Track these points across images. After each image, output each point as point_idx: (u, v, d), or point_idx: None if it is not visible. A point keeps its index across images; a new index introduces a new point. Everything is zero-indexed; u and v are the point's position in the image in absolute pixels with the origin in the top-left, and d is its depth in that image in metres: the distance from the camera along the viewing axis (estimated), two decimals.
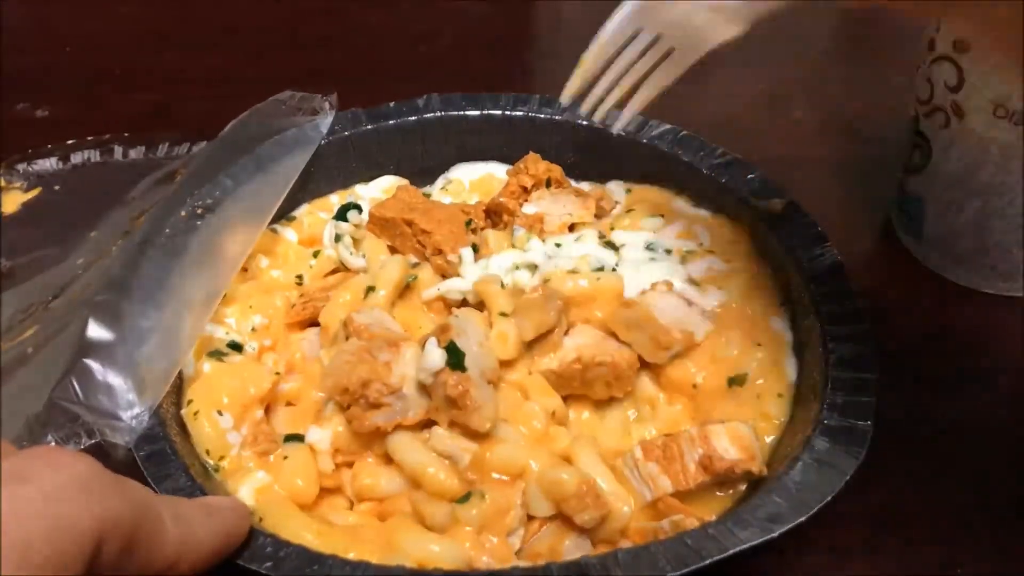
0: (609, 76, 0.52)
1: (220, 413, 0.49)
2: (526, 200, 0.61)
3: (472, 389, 0.47)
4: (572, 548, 0.46)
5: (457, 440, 0.48)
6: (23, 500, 0.30)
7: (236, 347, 0.53)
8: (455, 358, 0.47)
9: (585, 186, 0.64)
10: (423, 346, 0.48)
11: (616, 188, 0.64)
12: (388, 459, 0.49)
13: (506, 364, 0.51)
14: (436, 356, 0.47)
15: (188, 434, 0.49)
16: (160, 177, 0.68)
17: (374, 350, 0.48)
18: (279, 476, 0.48)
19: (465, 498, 0.46)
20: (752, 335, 0.53)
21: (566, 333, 0.52)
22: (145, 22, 0.93)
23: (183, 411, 0.49)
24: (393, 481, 0.48)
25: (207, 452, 0.48)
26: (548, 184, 0.61)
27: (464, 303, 0.55)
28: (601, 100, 0.54)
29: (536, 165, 0.62)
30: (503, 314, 0.52)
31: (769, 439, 0.50)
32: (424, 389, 0.49)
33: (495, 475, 0.47)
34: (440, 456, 0.48)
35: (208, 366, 0.51)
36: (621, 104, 0.54)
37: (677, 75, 0.51)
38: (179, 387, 0.51)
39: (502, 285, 0.54)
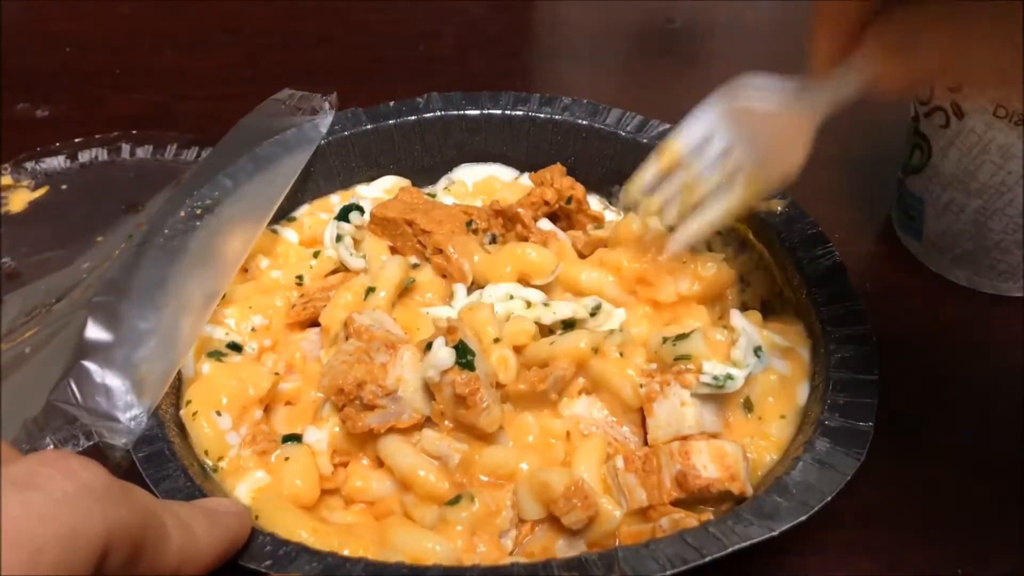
0: (674, 183, 0.52)
1: (219, 414, 0.49)
2: (547, 212, 0.61)
3: (482, 388, 0.47)
4: (564, 547, 0.46)
5: (447, 441, 0.48)
6: (34, 506, 0.30)
7: (236, 347, 0.53)
8: (465, 357, 0.47)
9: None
10: (424, 348, 0.48)
11: None
12: (381, 462, 0.49)
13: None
14: (445, 355, 0.47)
15: (187, 434, 0.49)
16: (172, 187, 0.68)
17: (371, 351, 0.48)
18: (280, 477, 0.48)
19: (455, 500, 0.46)
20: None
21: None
22: (145, 22, 0.93)
23: (182, 412, 0.49)
24: (384, 484, 0.49)
25: (206, 452, 0.48)
26: (569, 201, 0.61)
27: None
28: (659, 209, 0.53)
29: (561, 179, 0.61)
30: (497, 340, 0.51)
31: (769, 457, 0.49)
32: (426, 390, 0.48)
33: (484, 478, 0.47)
34: (430, 458, 0.48)
35: (207, 367, 0.51)
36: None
37: (738, 204, 0.50)
38: (178, 388, 0.51)
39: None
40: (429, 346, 0.48)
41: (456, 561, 0.44)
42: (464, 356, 0.47)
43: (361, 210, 0.61)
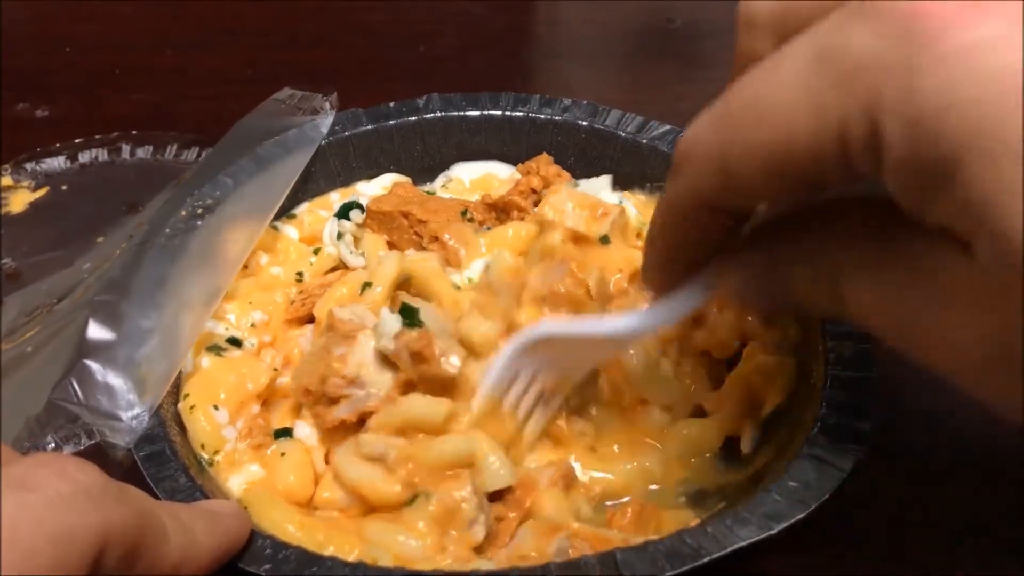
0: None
1: (216, 408, 0.49)
2: (537, 199, 0.61)
3: (435, 339, 0.47)
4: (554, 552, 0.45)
5: (383, 441, 0.47)
6: (28, 507, 0.30)
7: (235, 343, 0.54)
8: (410, 317, 0.47)
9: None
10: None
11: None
12: None
13: None
14: (392, 321, 0.47)
15: (177, 406, 0.49)
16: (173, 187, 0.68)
17: (330, 346, 0.48)
18: (274, 472, 0.48)
19: (411, 501, 0.46)
20: None
21: None
22: (145, 22, 0.93)
23: (179, 405, 0.49)
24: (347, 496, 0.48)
25: (202, 446, 0.48)
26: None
27: None
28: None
29: (547, 167, 0.62)
30: (459, 287, 0.53)
31: None
32: (389, 365, 0.48)
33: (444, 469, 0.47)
34: (374, 461, 0.47)
35: (206, 361, 0.51)
36: None
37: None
38: (178, 385, 0.51)
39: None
40: None
41: (428, 559, 0.44)
42: (409, 317, 0.47)
43: (362, 208, 0.61)
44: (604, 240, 0.54)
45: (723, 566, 0.40)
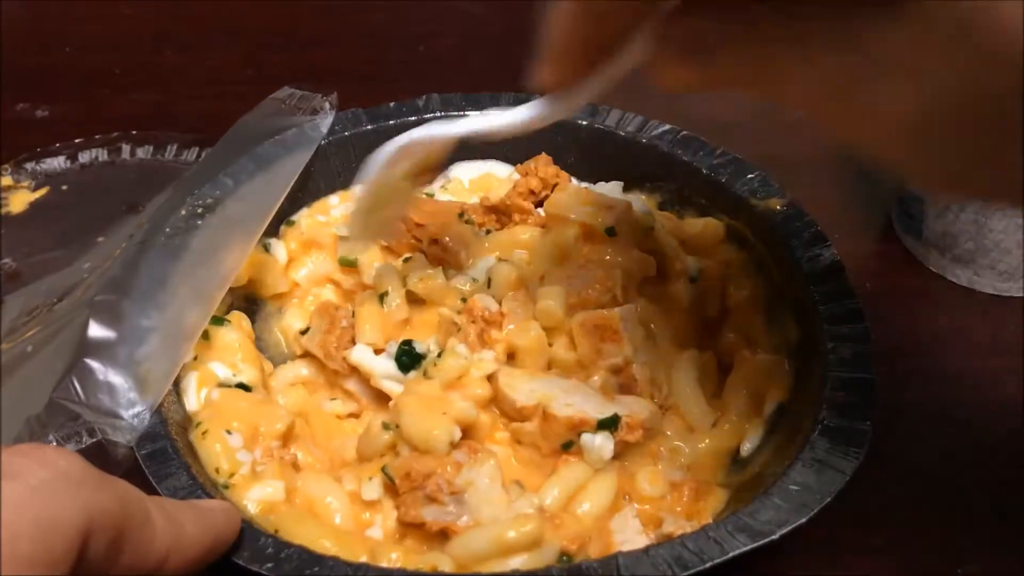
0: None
1: (229, 432, 0.48)
2: (536, 200, 0.61)
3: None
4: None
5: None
6: (10, 496, 0.30)
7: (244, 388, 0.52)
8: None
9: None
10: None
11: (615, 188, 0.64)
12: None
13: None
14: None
15: (189, 437, 0.49)
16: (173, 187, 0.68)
17: (452, 450, 0.47)
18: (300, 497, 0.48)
19: None
20: None
21: None
22: (145, 22, 0.93)
23: (191, 435, 0.48)
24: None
25: (217, 471, 0.47)
26: (554, 189, 0.61)
27: None
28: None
29: (546, 168, 0.62)
30: (464, 300, 0.54)
31: None
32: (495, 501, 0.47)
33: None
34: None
35: (216, 394, 0.50)
36: None
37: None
38: (180, 384, 0.50)
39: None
40: None
41: None
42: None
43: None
44: (610, 232, 0.54)
45: (724, 570, 0.40)
